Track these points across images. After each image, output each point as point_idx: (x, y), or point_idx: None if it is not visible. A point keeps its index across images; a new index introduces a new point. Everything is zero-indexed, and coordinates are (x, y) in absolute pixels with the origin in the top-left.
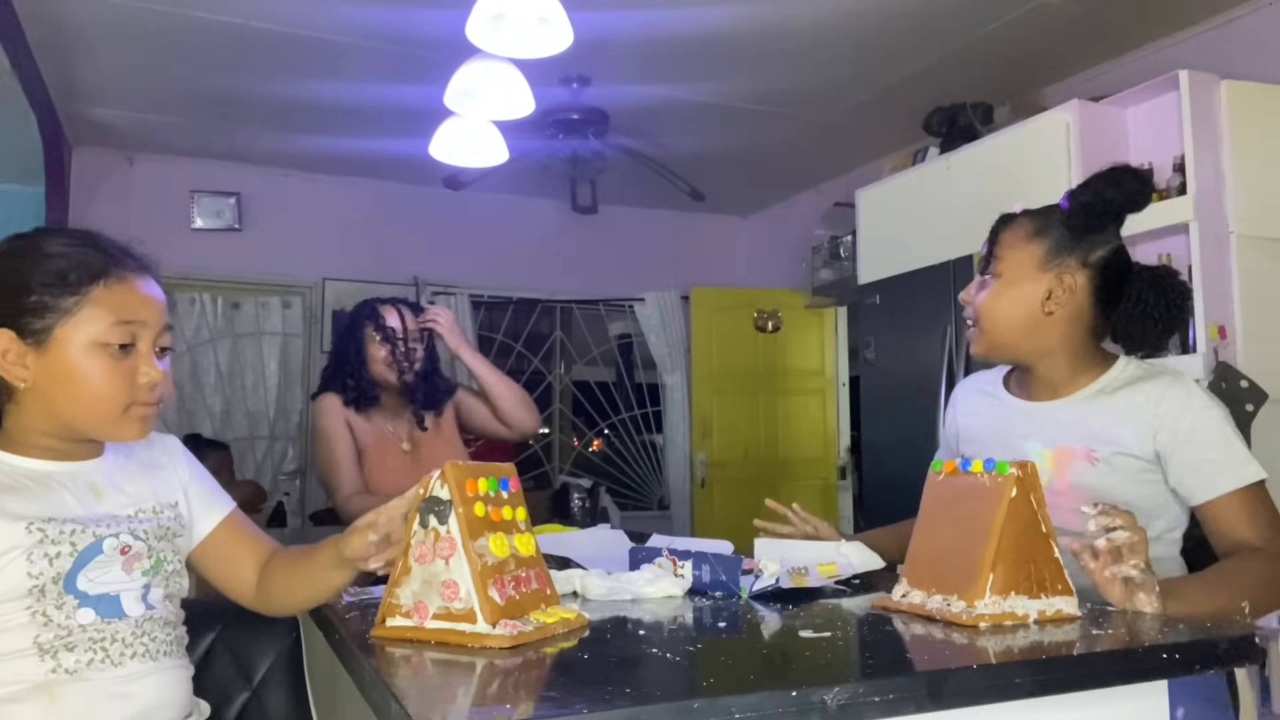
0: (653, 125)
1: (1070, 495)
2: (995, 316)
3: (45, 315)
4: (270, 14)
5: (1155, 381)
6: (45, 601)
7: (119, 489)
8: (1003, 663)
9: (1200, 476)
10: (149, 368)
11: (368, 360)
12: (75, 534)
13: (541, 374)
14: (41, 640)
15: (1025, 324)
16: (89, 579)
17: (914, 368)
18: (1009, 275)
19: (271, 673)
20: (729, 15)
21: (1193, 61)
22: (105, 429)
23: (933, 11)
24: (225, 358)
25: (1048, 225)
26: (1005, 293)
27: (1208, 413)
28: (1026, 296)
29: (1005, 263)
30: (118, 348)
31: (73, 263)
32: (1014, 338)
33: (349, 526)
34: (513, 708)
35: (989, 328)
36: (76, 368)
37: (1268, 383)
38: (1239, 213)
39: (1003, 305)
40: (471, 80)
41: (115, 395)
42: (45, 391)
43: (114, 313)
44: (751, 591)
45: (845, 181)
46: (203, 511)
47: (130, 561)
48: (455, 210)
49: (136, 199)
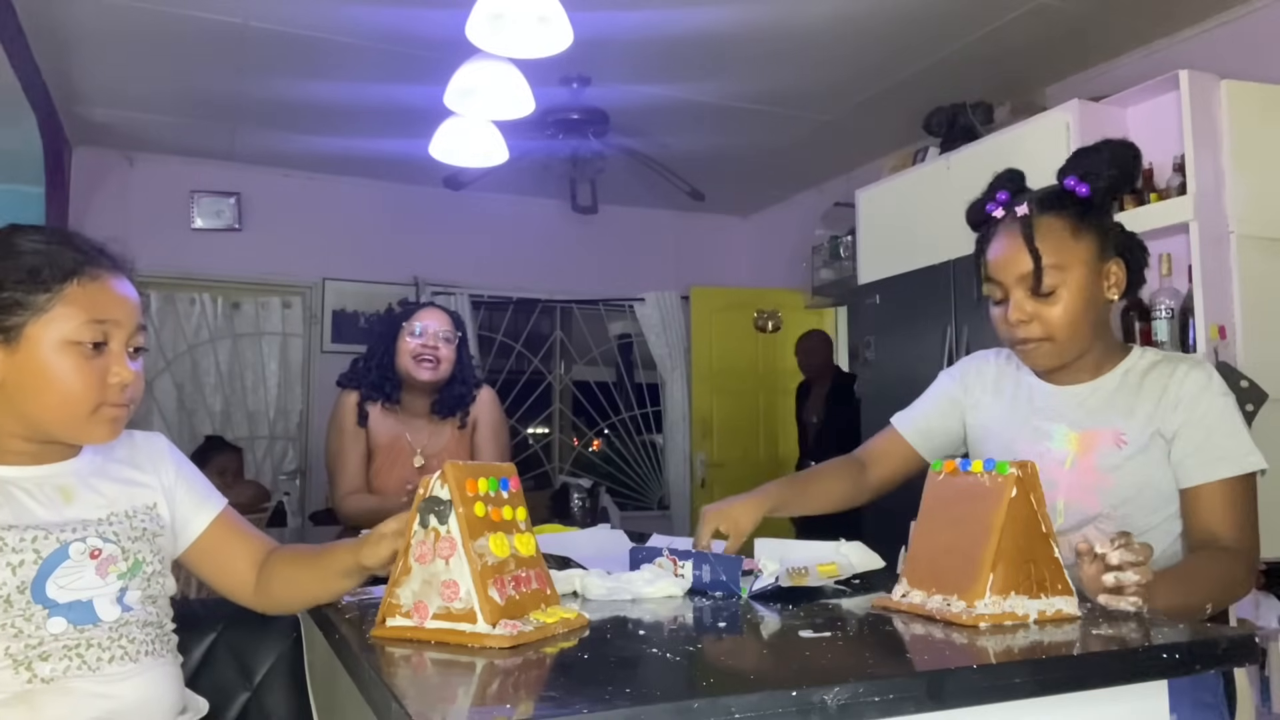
0: (653, 125)
1: (1095, 475)
2: (1070, 327)
3: (16, 312)
4: (270, 14)
5: (1179, 364)
6: (13, 612)
7: (94, 490)
8: (1003, 663)
9: (1203, 457)
10: (120, 368)
11: (397, 354)
12: (38, 540)
13: (541, 374)
14: (13, 651)
15: (1094, 326)
16: (59, 585)
17: (914, 368)
18: (1074, 282)
19: (272, 673)
20: (729, 15)
21: (1193, 61)
22: (73, 430)
23: (933, 11)
24: (225, 358)
25: (1082, 217)
26: (1074, 301)
27: (1224, 399)
28: (1093, 298)
29: (1067, 271)
30: (90, 346)
31: (46, 259)
32: (1084, 341)
33: (369, 534)
34: (513, 708)
35: (1066, 339)
36: (47, 366)
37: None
38: (1239, 213)
39: (1076, 314)
40: (471, 80)
41: (85, 395)
42: (14, 391)
43: (87, 311)
44: (751, 591)
45: (845, 181)
46: (192, 512)
47: (104, 565)
48: (455, 210)
49: (136, 199)
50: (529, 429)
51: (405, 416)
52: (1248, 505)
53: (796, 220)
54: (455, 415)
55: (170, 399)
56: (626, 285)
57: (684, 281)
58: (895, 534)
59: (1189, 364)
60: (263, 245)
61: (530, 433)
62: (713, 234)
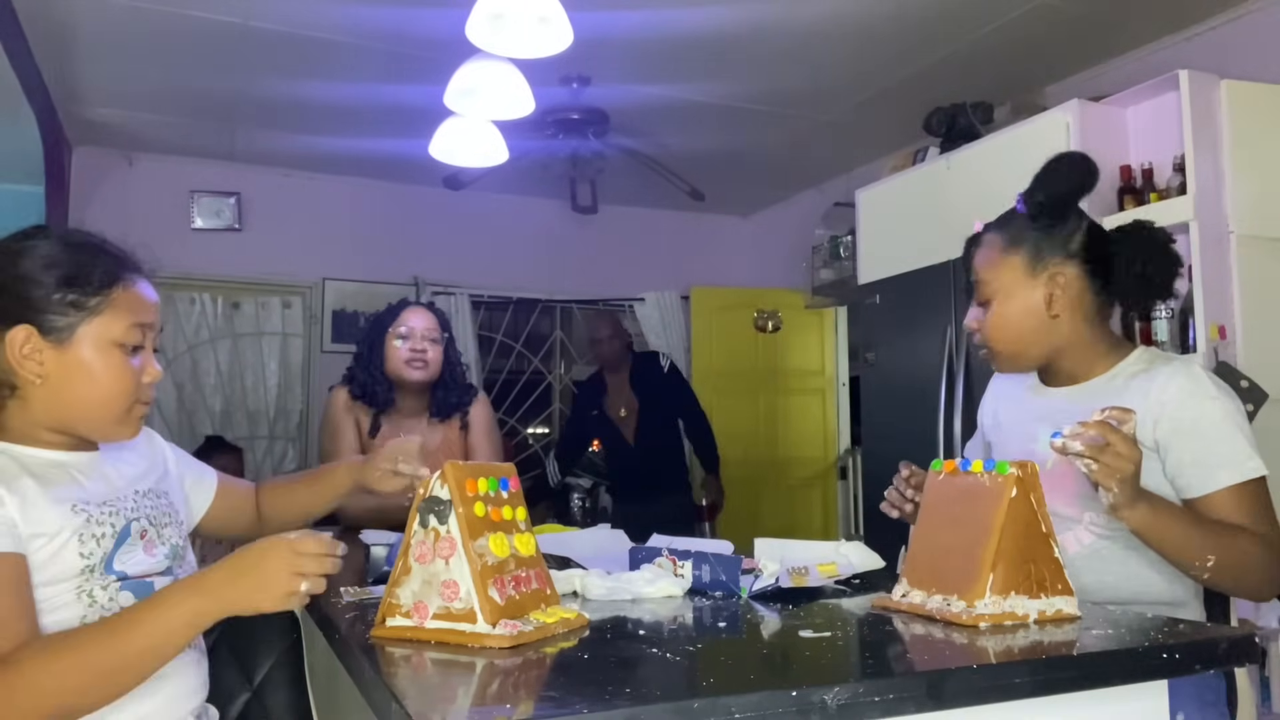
0: (653, 125)
1: (1072, 478)
2: (1005, 337)
3: (70, 314)
4: (270, 14)
5: (1163, 368)
6: (93, 581)
7: (123, 478)
8: (1003, 663)
9: (1200, 469)
10: (151, 367)
11: (385, 358)
12: (113, 515)
13: (541, 374)
14: (87, 619)
15: (1036, 333)
16: (122, 562)
17: (914, 368)
18: (1002, 294)
19: (272, 673)
20: (729, 15)
21: (1193, 61)
22: (105, 426)
23: (933, 12)
24: (225, 358)
25: (1018, 233)
26: (1006, 311)
27: (1213, 403)
28: (1029, 308)
29: (993, 284)
30: (130, 349)
31: (96, 263)
32: (1029, 348)
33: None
34: (513, 708)
35: (1002, 348)
36: (94, 365)
37: (1268, 383)
38: (1239, 213)
39: (1009, 324)
40: (471, 80)
41: (125, 393)
42: (57, 387)
43: (131, 315)
44: (751, 591)
45: (845, 181)
46: (197, 488)
47: (149, 546)
48: (455, 210)
49: (136, 199)
50: (529, 429)
51: (400, 418)
52: (1264, 502)
53: (796, 220)
54: (453, 417)
55: (170, 399)
56: (626, 285)
57: (684, 281)
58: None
59: (1173, 369)
60: (263, 245)
61: (530, 433)
62: (713, 234)
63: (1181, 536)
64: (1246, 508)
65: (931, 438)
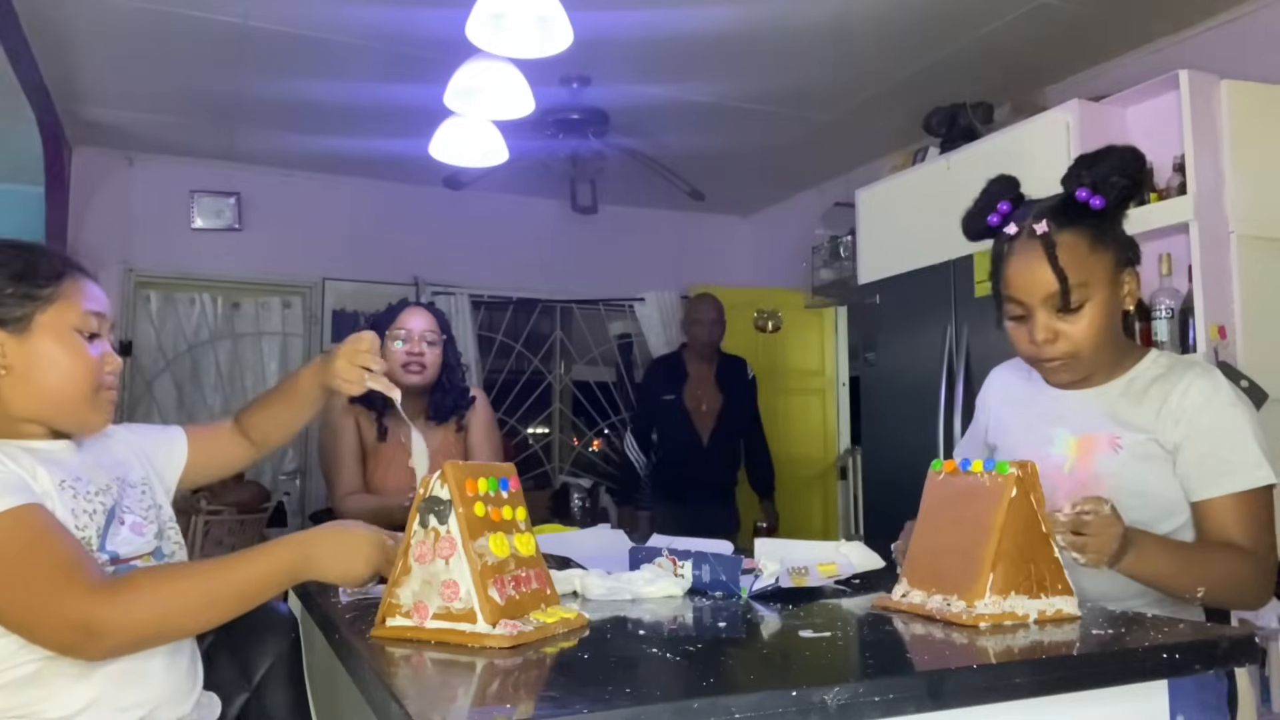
0: (653, 125)
1: (1094, 482)
2: (1098, 344)
3: (26, 304)
4: (270, 14)
5: (1185, 373)
6: None
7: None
8: (1003, 663)
9: (1207, 472)
10: (110, 355)
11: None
12: (101, 494)
13: (541, 374)
14: None
15: (1112, 336)
16: (113, 542)
17: (914, 368)
18: (1098, 298)
19: (271, 673)
20: (729, 15)
21: (1193, 61)
22: (78, 413)
23: (933, 11)
24: (225, 358)
25: (1099, 231)
26: (1098, 315)
27: (1231, 410)
28: (1114, 310)
29: (1090, 286)
30: (87, 336)
31: (40, 259)
32: (1106, 353)
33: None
34: (513, 708)
35: (1090, 354)
36: (54, 351)
37: (1268, 383)
38: (1239, 213)
39: (1102, 329)
40: (471, 80)
41: (88, 374)
42: (23, 377)
43: (85, 302)
44: (751, 591)
45: (845, 181)
46: (167, 452)
47: (136, 526)
48: (455, 210)
49: (136, 199)
50: (529, 429)
51: (399, 419)
52: (1265, 515)
53: (796, 220)
54: (452, 419)
55: (170, 399)
56: (626, 285)
57: (684, 281)
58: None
59: (1194, 374)
60: (263, 245)
61: (530, 433)
62: (713, 234)
63: (1171, 574)
64: (1247, 517)
65: (931, 437)
